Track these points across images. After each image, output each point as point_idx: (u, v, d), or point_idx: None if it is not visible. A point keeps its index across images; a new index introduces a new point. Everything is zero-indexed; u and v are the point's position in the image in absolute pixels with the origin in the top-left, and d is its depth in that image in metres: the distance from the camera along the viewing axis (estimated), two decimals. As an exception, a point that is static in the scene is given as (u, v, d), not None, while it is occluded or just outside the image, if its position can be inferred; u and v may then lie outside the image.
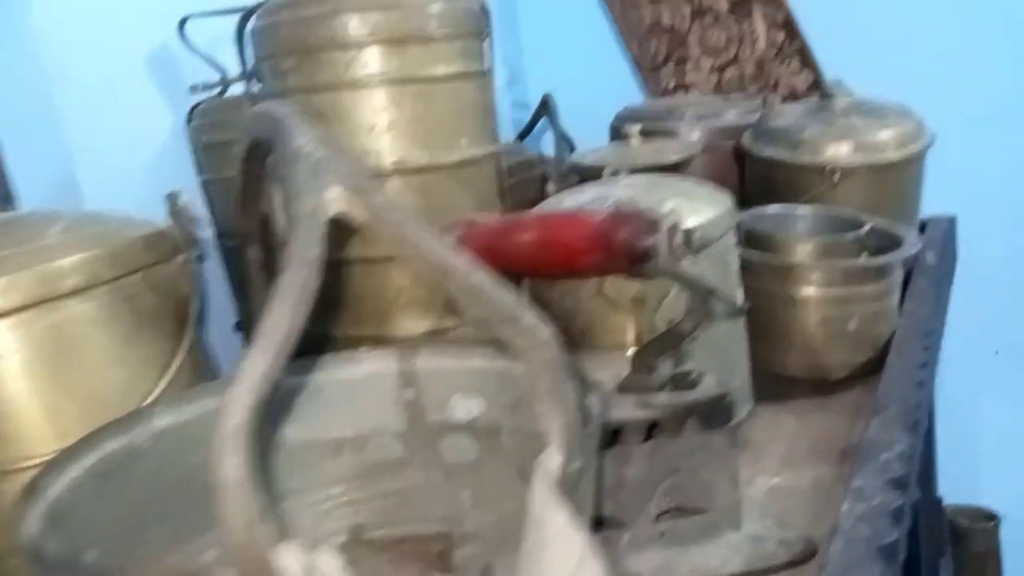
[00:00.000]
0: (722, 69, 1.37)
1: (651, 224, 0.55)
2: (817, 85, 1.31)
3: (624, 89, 1.48)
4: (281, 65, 0.70)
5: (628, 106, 1.25)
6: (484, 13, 0.77)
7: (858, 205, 0.97)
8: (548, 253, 0.60)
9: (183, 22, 0.89)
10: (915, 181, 1.00)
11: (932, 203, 1.28)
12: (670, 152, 0.98)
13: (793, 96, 1.33)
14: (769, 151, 1.01)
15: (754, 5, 1.31)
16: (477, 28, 0.75)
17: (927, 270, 1.02)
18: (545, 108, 1.38)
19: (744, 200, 1.07)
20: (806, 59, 1.30)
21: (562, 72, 1.61)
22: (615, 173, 0.92)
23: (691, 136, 1.15)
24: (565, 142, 1.48)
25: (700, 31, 1.36)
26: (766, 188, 1.04)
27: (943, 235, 1.20)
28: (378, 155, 0.69)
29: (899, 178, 0.97)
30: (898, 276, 0.82)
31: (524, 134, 1.49)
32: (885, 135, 0.95)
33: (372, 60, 0.67)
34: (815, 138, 0.97)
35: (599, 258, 0.57)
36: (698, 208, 0.70)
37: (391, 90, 0.69)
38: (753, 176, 1.06)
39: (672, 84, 1.42)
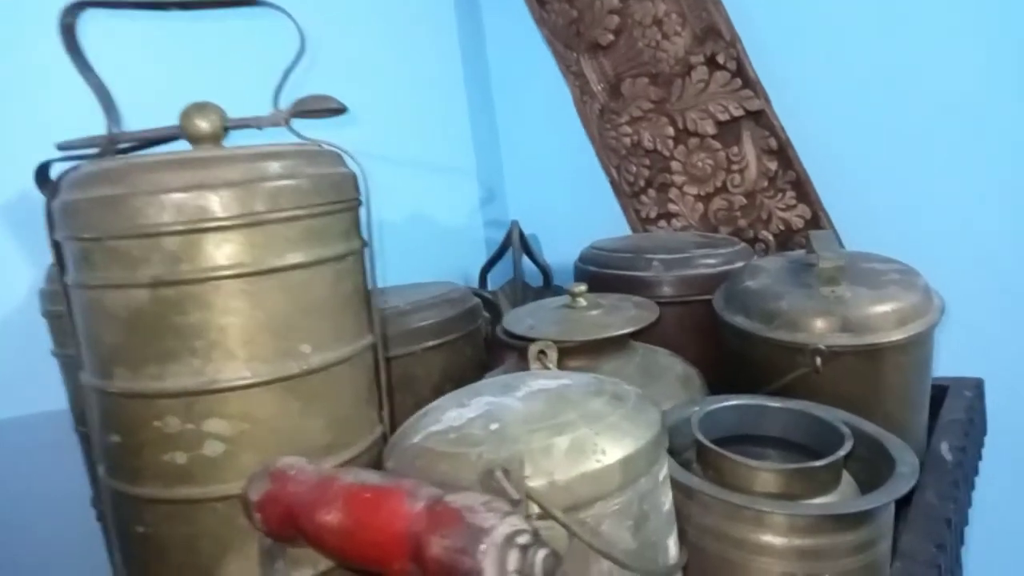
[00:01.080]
0: (709, 198, 1.21)
1: (475, 536, 0.38)
2: (816, 222, 1.14)
3: (606, 215, 1.33)
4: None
5: (594, 244, 1.10)
6: (349, 181, 0.62)
7: (848, 392, 0.79)
8: (353, 545, 0.43)
9: (43, 170, 0.77)
10: (919, 363, 0.82)
11: (954, 363, 1.10)
12: (618, 320, 0.82)
13: (788, 232, 1.16)
14: (740, 321, 0.84)
15: (743, 129, 1.16)
16: (338, 200, 0.60)
17: (941, 471, 0.82)
18: (513, 238, 1.24)
19: (720, 371, 0.89)
20: (802, 192, 1.14)
21: (542, 194, 1.47)
22: (541, 353, 0.76)
23: (660, 287, 0.99)
24: (541, 271, 1.34)
25: (685, 155, 1.21)
26: (740, 363, 0.87)
27: (969, 403, 1.00)
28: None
29: (899, 361, 0.79)
30: (888, 517, 0.63)
31: (489, 265, 1.34)
32: (880, 311, 0.78)
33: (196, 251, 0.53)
34: (793, 311, 0.80)
35: (410, 569, 0.40)
36: (611, 440, 0.53)
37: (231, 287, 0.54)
38: (727, 345, 0.89)
39: (654, 212, 1.26)
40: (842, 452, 0.64)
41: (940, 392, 1.05)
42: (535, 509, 0.50)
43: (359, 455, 0.60)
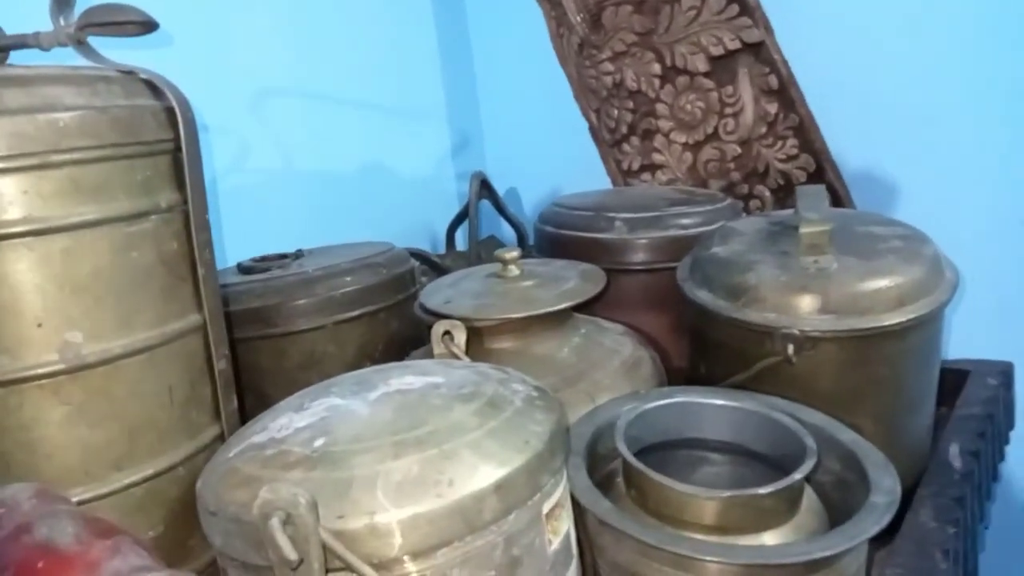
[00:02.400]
0: (698, 147, 1.05)
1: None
2: (821, 175, 0.97)
3: (586, 166, 1.18)
4: None
5: (557, 200, 0.95)
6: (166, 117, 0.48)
7: (829, 387, 0.64)
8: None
9: None
10: (921, 353, 0.66)
11: (981, 343, 0.93)
12: (550, 295, 0.68)
13: (788, 188, 0.99)
14: (703, 296, 0.69)
15: (740, 65, 0.99)
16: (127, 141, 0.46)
17: (944, 482, 0.67)
18: (472, 191, 1.10)
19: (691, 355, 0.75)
20: (806, 140, 0.97)
21: (520, 142, 1.32)
22: (447, 335, 0.63)
23: (624, 252, 0.84)
24: (516, 230, 1.19)
25: (672, 96, 1.05)
26: (704, 348, 0.72)
27: (992, 393, 0.84)
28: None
29: (895, 350, 0.63)
30: (857, 558, 0.49)
31: (456, 223, 1.20)
32: (872, 288, 0.62)
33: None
34: (764, 285, 0.64)
35: None
36: (464, 466, 0.40)
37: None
38: (691, 325, 0.74)
39: (637, 163, 1.10)
40: (797, 476, 0.49)
41: (959, 379, 0.89)
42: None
43: (171, 468, 0.47)
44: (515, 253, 0.71)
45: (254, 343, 0.76)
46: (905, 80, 0.92)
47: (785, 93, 0.96)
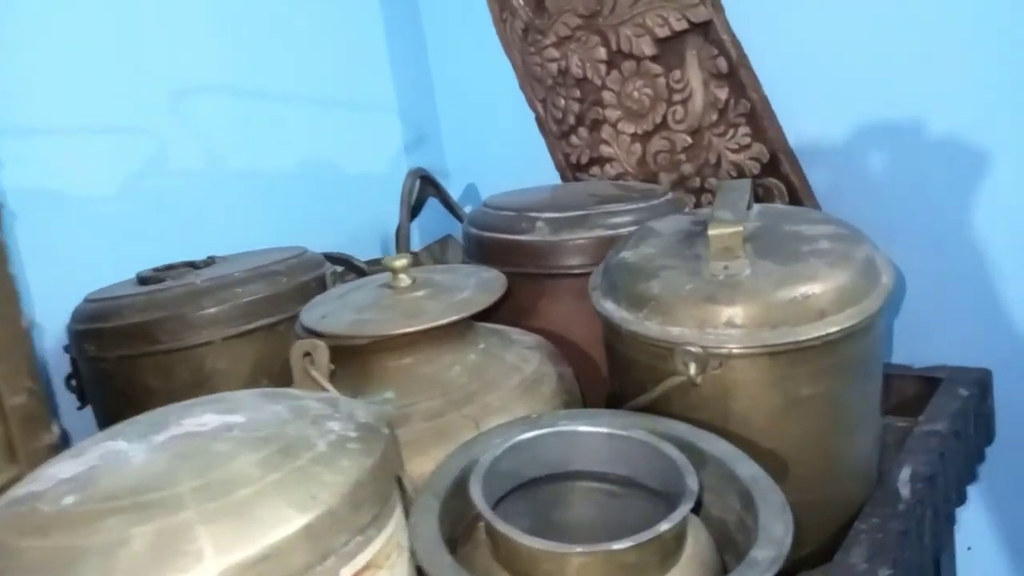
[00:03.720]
0: (647, 137, 0.97)
1: None
2: (776, 167, 0.89)
3: (536, 161, 1.10)
4: None
5: (488, 200, 0.88)
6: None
7: (743, 411, 0.56)
8: None
9: None
10: (852, 369, 0.57)
11: (959, 348, 0.85)
12: (439, 307, 0.61)
13: (741, 177, 0.91)
14: (608, 307, 0.61)
15: (687, 47, 0.90)
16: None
17: (887, 514, 0.59)
18: (404, 191, 1.03)
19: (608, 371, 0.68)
20: (759, 128, 0.88)
21: (477, 137, 1.24)
22: (306, 356, 0.56)
23: (545, 256, 0.77)
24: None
25: (619, 83, 0.97)
26: (614, 365, 0.65)
27: (960, 405, 0.76)
28: None
29: (817, 367, 0.55)
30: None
31: (413, 214, 1.13)
32: (787, 297, 0.54)
33: None
34: (667, 295, 0.57)
35: None
36: (224, 531, 0.34)
37: None
38: (604, 338, 0.66)
39: (586, 157, 1.03)
40: (664, 526, 0.42)
41: (930, 387, 0.81)
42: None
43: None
44: (404, 261, 0.64)
45: (139, 361, 0.71)
46: (872, 59, 0.83)
47: (735, 76, 0.88)
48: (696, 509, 0.48)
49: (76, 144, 0.84)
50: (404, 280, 0.64)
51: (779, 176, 0.89)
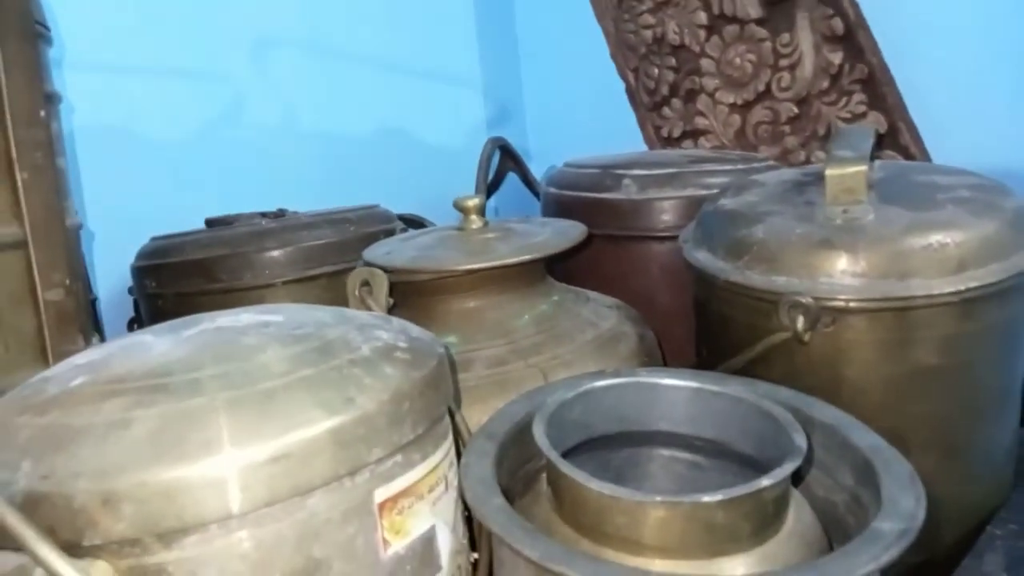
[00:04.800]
0: (748, 108, 0.89)
1: None
2: (895, 137, 0.80)
3: (625, 133, 1.04)
4: None
5: (570, 161, 0.82)
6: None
7: (861, 379, 0.48)
8: None
9: None
10: (996, 335, 0.48)
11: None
12: (506, 248, 0.55)
13: (855, 153, 0.82)
14: (703, 257, 0.54)
15: (798, 8, 0.83)
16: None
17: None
18: (483, 157, 0.98)
19: (696, 335, 0.61)
20: (876, 95, 0.79)
21: (563, 112, 1.19)
22: (364, 285, 0.52)
23: (633, 216, 0.71)
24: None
25: (720, 50, 0.90)
26: (706, 323, 0.58)
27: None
28: None
29: (953, 330, 0.46)
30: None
31: (491, 189, 1.09)
32: (920, 245, 0.46)
33: None
34: (773, 240, 0.49)
35: None
36: (242, 422, 0.29)
37: None
38: (695, 297, 0.59)
39: (678, 130, 0.96)
40: (766, 482, 0.34)
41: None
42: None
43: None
44: (477, 200, 0.58)
45: (197, 298, 0.68)
46: (1004, 16, 0.74)
47: (852, 39, 0.80)
48: (796, 482, 0.41)
49: (151, 86, 0.83)
50: (475, 222, 0.59)
51: (898, 149, 0.80)
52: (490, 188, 1.09)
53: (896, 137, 0.79)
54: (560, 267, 0.78)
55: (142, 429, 0.28)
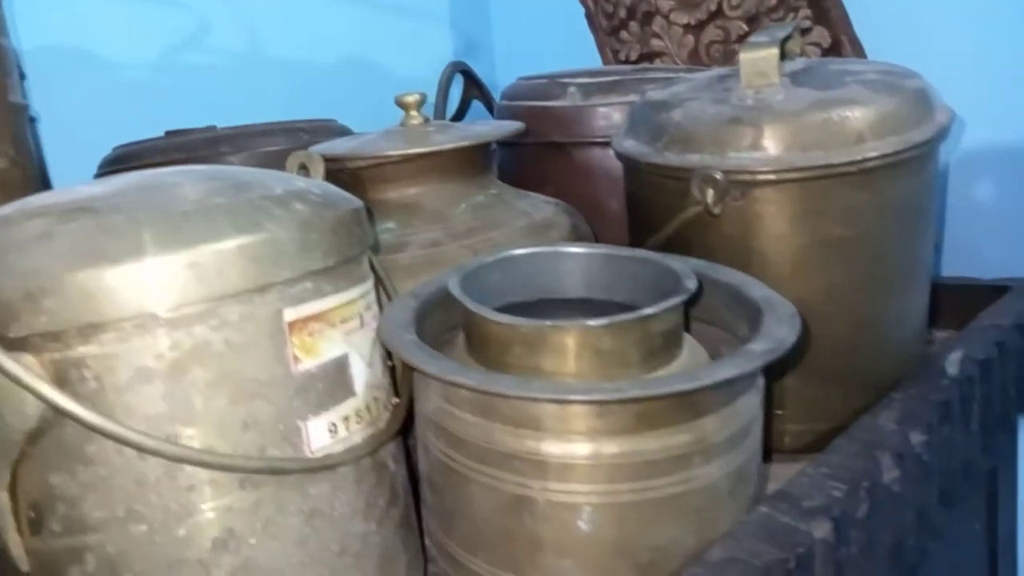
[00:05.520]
0: (700, 28, 0.91)
1: None
2: (837, 51, 0.82)
3: (587, 60, 1.06)
4: None
5: (523, 75, 0.84)
6: None
7: (770, 251, 0.51)
8: None
9: None
10: (897, 210, 0.51)
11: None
12: (442, 138, 0.58)
13: (801, 69, 0.84)
14: (629, 146, 0.57)
15: (748, -73, 0.84)
16: None
17: (930, 389, 0.53)
18: (442, 81, 1.00)
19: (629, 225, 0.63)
20: (821, 10, 0.81)
21: (532, 45, 1.20)
22: (302, 168, 0.54)
23: (579, 123, 0.73)
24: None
25: (674, -28, 0.91)
26: (635, 209, 0.60)
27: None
28: None
29: (856, 202, 0.49)
30: (719, 423, 0.37)
31: (456, 118, 1.11)
32: (821, 119, 0.48)
33: None
34: (688, 121, 0.52)
35: None
36: (162, 234, 0.32)
37: None
38: (626, 188, 0.62)
39: (635, 53, 0.97)
40: (648, 311, 0.37)
41: (991, 296, 0.73)
42: None
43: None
44: (416, 96, 0.61)
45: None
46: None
47: (799, -45, 0.82)
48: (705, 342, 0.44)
49: (114, 10, 0.84)
50: (416, 117, 0.61)
51: (841, 63, 0.82)
52: (455, 118, 1.11)
53: (839, 51, 0.81)
54: (509, 175, 0.81)
55: (66, 239, 0.31)
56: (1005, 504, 0.75)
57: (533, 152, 0.76)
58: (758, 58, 0.51)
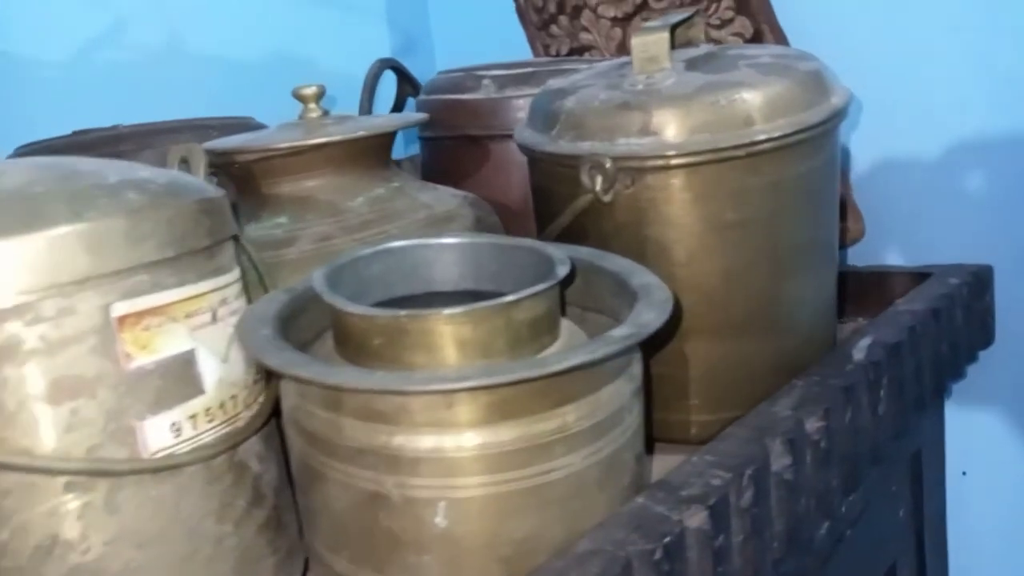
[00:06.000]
0: (627, 20, 0.90)
1: None
2: (759, 40, 0.81)
3: (518, 54, 1.04)
4: None
5: (443, 69, 0.82)
6: None
7: (664, 238, 0.50)
8: None
9: None
10: (791, 194, 0.50)
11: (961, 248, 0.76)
12: (339, 130, 0.56)
13: (725, 59, 0.84)
14: (526, 136, 0.55)
15: (670, -83, 0.84)
16: None
17: (832, 374, 0.52)
18: (368, 78, 0.99)
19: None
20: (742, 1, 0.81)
21: (472, 41, 1.19)
22: (183, 162, 0.52)
23: (493, 115, 0.72)
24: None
25: (600, -36, 0.90)
26: (536, 200, 0.59)
27: (947, 291, 0.67)
28: None
29: (746, 186, 0.48)
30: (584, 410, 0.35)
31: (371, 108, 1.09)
32: (711, 101, 0.47)
33: None
34: (580, 108, 0.51)
35: None
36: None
37: None
38: (530, 182, 0.60)
39: (566, 47, 0.96)
40: (508, 299, 0.36)
41: (914, 283, 0.73)
42: None
43: None
44: (314, 88, 0.59)
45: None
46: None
47: (719, -56, 0.81)
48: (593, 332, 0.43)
49: (30, 6, 0.82)
50: (315, 110, 0.59)
51: (763, 52, 0.81)
52: (397, 107, 1.10)
53: (761, 40, 0.81)
54: (429, 169, 0.79)
55: None
56: (932, 486, 0.75)
57: (450, 145, 0.75)
58: (648, 42, 0.50)
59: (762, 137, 0.47)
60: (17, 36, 0.81)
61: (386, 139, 0.58)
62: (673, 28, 0.52)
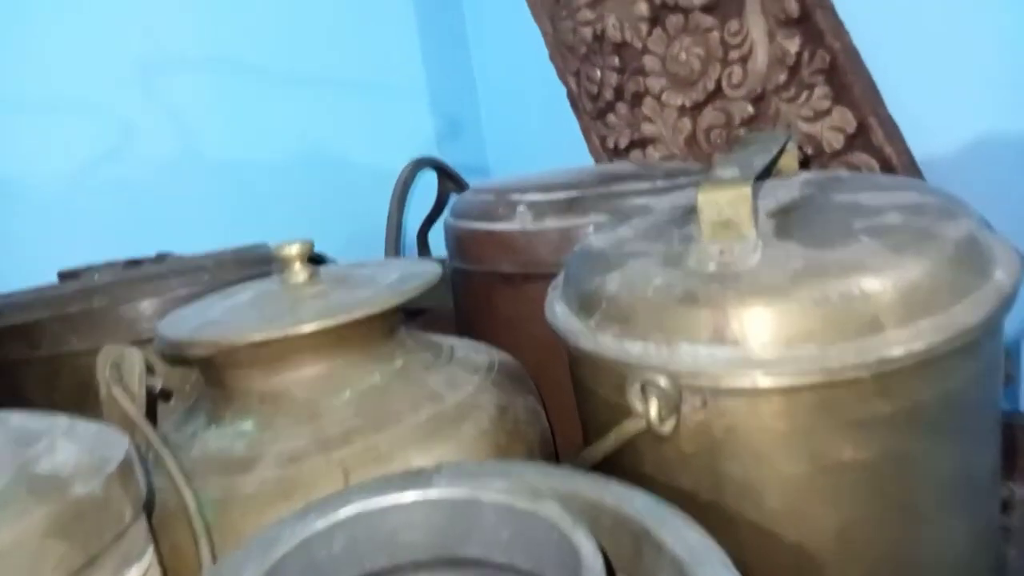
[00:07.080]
0: (698, 110, 0.76)
1: None
2: (866, 136, 0.66)
3: (572, 146, 0.92)
4: None
5: (476, 184, 0.70)
6: None
7: (749, 479, 0.35)
8: None
9: None
10: (939, 420, 0.34)
11: None
12: (323, 307, 0.44)
13: (823, 157, 0.68)
14: (558, 311, 0.42)
15: (747, -10, 0.70)
16: None
17: None
18: (398, 185, 0.88)
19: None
20: (841, 87, 0.65)
21: (518, 126, 1.07)
22: (113, 367, 0.41)
23: (529, 249, 0.59)
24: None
25: (663, 44, 0.77)
26: (578, 392, 0.45)
27: None
28: None
29: (873, 415, 0.33)
30: None
31: (427, 225, 0.97)
32: (819, 296, 0.33)
33: None
34: (630, 292, 0.37)
35: None
36: None
37: None
38: (568, 358, 0.47)
39: (625, 140, 0.83)
40: None
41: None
42: None
43: None
44: (297, 247, 0.47)
45: (19, 367, 0.59)
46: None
47: (810, 21, 0.66)
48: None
49: (25, 120, 0.75)
50: (299, 273, 0.47)
51: (871, 151, 0.65)
52: (433, 216, 0.99)
53: (867, 136, 0.65)
54: (463, 304, 0.67)
55: None
56: None
57: (483, 280, 0.62)
58: (721, 204, 0.35)
59: (898, 353, 0.31)
60: (8, 153, 0.74)
61: (383, 313, 0.46)
62: (766, 170, 0.37)
